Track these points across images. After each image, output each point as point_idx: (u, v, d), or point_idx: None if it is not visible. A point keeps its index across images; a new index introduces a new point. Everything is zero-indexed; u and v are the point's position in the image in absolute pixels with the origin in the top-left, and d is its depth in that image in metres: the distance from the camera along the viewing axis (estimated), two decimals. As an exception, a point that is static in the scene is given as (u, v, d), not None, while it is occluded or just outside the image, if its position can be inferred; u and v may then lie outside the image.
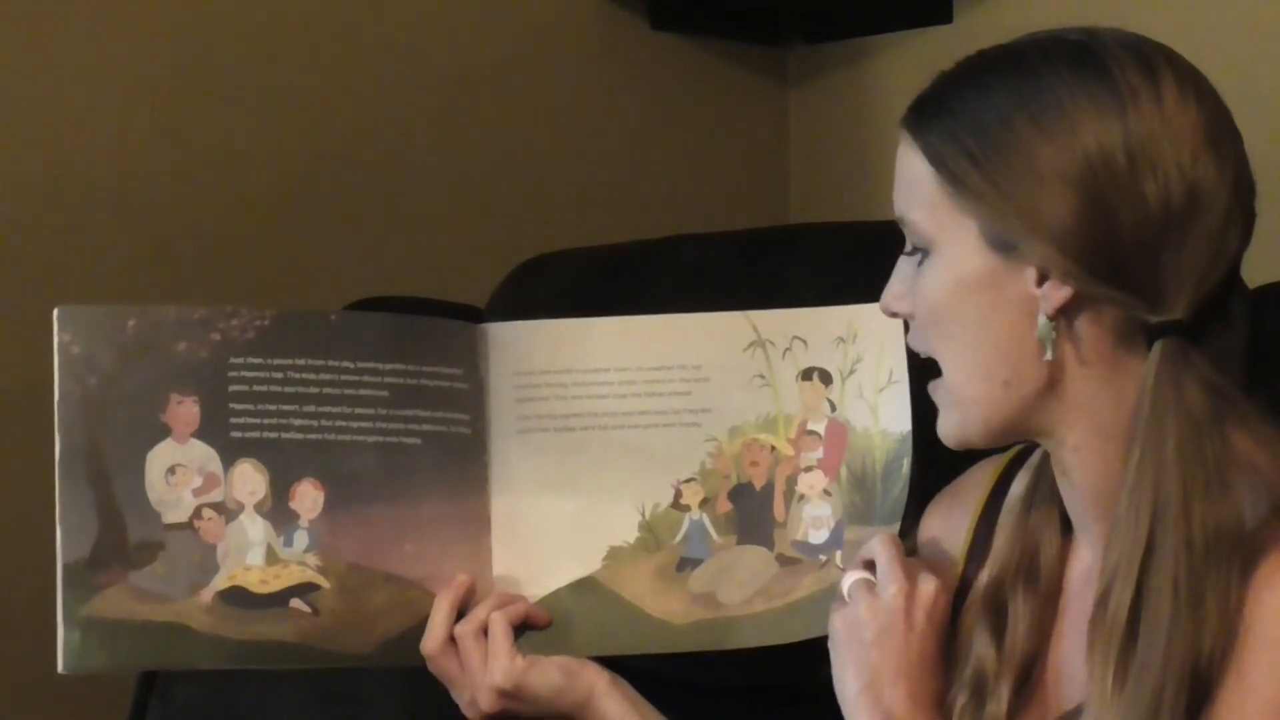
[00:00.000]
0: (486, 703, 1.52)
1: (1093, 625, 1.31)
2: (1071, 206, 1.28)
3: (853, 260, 1.39)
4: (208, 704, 1.83)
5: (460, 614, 1.54)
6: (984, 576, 1.44)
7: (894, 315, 1.40)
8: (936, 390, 1.38)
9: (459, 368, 1.56)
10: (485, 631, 1.52)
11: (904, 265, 1.38)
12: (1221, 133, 1.32)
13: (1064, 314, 1.31)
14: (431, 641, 1.52)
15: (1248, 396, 1.32)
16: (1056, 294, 1.30)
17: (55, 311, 1.44)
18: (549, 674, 1.52)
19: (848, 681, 1.39)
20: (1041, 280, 1.30)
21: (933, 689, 1.39)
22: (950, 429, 1.37)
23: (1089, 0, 2.36)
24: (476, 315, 1.92)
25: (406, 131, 2.41)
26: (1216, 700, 1.25)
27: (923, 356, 1.38)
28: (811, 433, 1.57)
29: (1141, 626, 1.27)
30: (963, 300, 1.33)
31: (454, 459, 1.56)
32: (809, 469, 1.57)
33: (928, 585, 1.41)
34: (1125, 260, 1.29)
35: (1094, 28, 1.35)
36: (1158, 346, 1.29)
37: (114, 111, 2.18)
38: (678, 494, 1.57)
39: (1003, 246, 1.31)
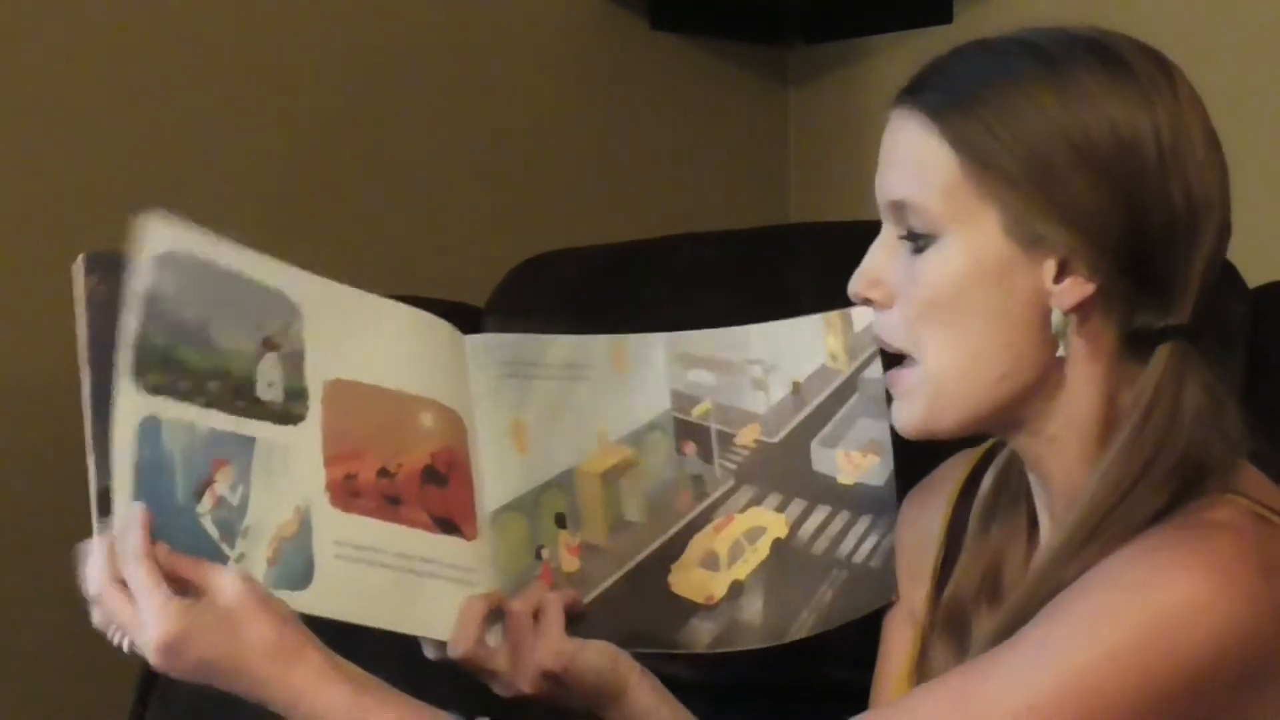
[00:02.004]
0: (529, 685, 1.48)
1: (1018, 592, 1.31)
2: (1103, 195, 1.26)
3: (852, 260, 1.38)
4: (208, 705, 1.83)
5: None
6: (945, 593, 1.43)
7: (866, 302, 1.35)
8: (904, 378, 1.34)
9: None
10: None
11: (884, 250, 1.33)
12: (1218, 142, 1.31)
13: (1078, 310, 1.29)
14: (464, 645, 1.48)
15: (1233, 395, 1.31)
16: (1079, 289, 1.28)
17: (81, 257, 1.44)
18: (596, 659, 1.49)
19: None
20: (1060, 274, 1.28)
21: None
22: (915, 419, 1.33)
23: (1087, 1, 2.36)
24: (476, 314, 1.93)
25: (406, 131, 2.41)
26: (1035, 626, 1.24)
27: (895, 348, 1.34)
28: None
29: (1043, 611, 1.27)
30: (972, 291, 1.29)
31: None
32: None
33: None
34: (1149, 258, 1.27)
35: (1104, 28, 1.33)
36: (1165, 349, 1.28)
37: (112, 111, 2.18)
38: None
39: (1026, 236, 1.28)
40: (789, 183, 2.76)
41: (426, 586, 1.50)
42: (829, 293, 1.63)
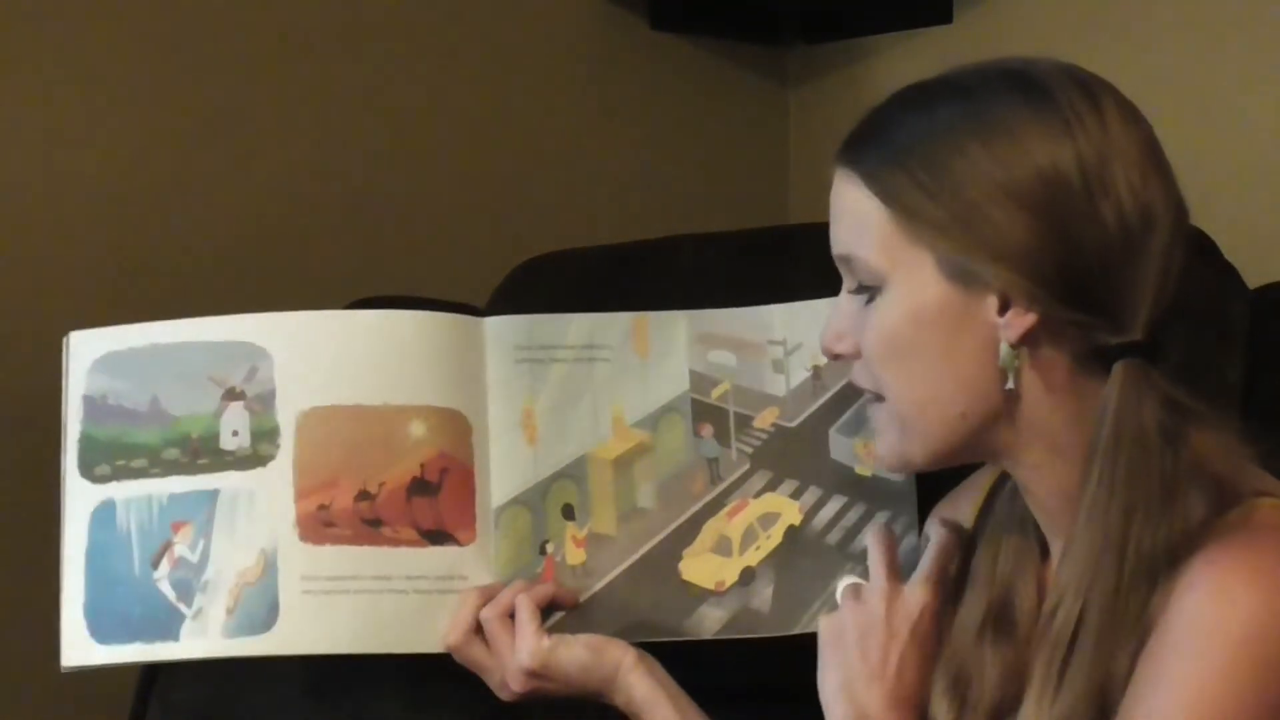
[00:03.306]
0: (517, 684, 1.54)
1: (1039, 636, 1.32)
2: (1031, 229, 1.28)
3: (852, 261, 1.39)
4: (208, 704, 1.83)
5: None
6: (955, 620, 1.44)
7: (836, 357, 1.39)
8: (878, 412, 1.38)
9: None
10: (512, 615, 1.54)
11: (845, 304, 1.38)
12: (1160, 154, 1.33)
13: (1026, 341, 1.31)
14: (455, 633, 1.54)
15: (1209, 403, 1.32)
16: (1020, 321, 1.30)
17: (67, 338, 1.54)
18: (575, 652, 1.54)
19: (826, 683, 1.42)
20: (1003, 308, 1.30)
21: (912, 693, 1.40)
22: (890, 454, 1.38)
23: (1087, 2, 2.36)
24: (476, 315, 1.93)
25: (407, 131, 2.41)
26: (1132, 696, 1.26)
27: (868, 391, 1.38)
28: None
29: (1078, 643, 1.28)
30: (920, 334, 1.32)
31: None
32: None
33: (913, 598, 1.42)
34: (1087, 282, 1.29)
35: (1030, 57, 1.35)
36: (1119, 368, 1.29)
37: (114, 110, 2.19)
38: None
39: (962, 276, 1.31)
40: (789, 183, 2.76)
41: (409, 603, 1.53)
42: (828, 294, 1.63)
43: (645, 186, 2.62)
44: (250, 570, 1.50)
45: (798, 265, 1.81)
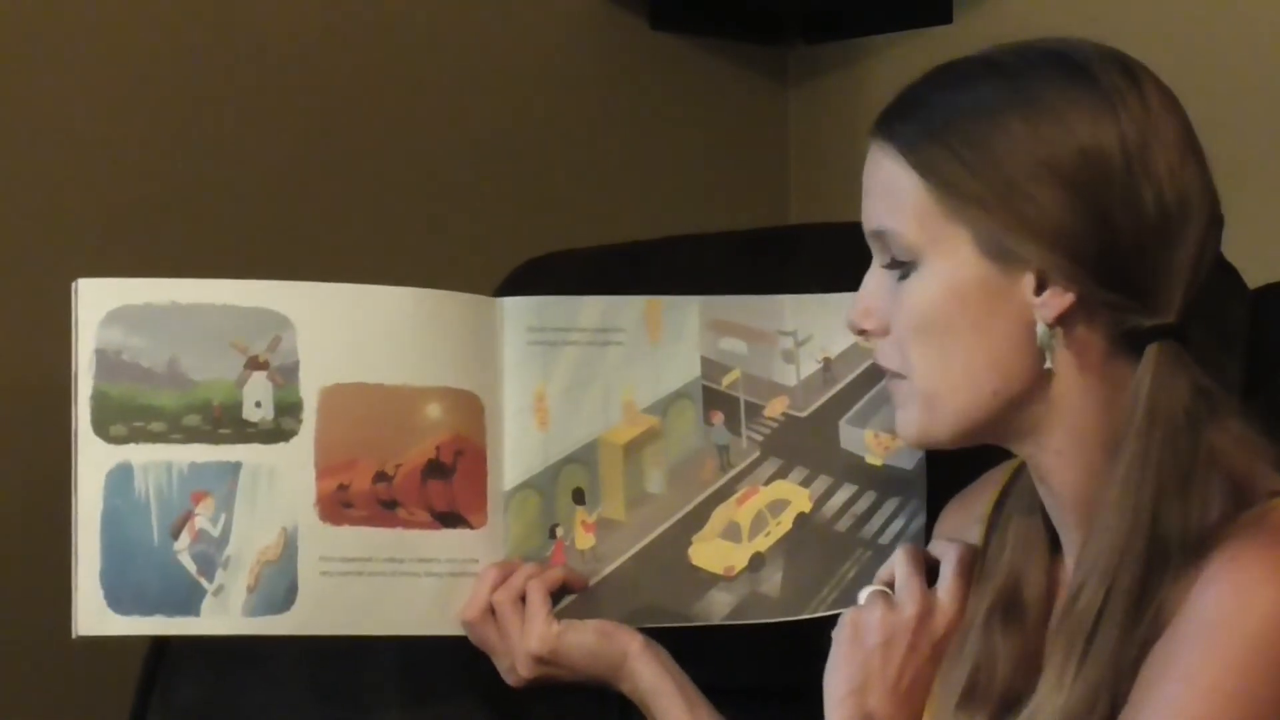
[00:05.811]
0: (525, 669, 1.55)
1: (1060, 617, 1.32)
2: (1072, 208, 1.28)
3: (853, 260, 1.39)
4: (209, 703, 1.83)
5: None
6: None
7: (862, 334, 1.38)
8: (899, 388, 1.36)
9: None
10: (523, 599, 1.55)
11: (874, 280, 1.37)
12: (1196, 141, 1.33)
13: (1061, 321, 1.31)
14: (471, 610, 1.55)
15: (1230, 395, 1.33)
16: (1058, 300, 1.30)
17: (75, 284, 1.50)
18: (584, 637, 1.55)
19: (838, 682, 1.42)
20: (1040, 287, 1.30)
21: (917, 713, 1.40)
22: (913, 428, 1.36)
23: (1087, 2, 2.36)
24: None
25: (407, 131, 2.41)
26: (1150, 687, 1.26)
27: (891, 372, 1.37)
28: None
29: (1102, 624, 1.28)
30: (955, 312, 1.32)
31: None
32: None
33: (942, 619, 1.42)
34: (1125, 263, 1.29)
35: (1067, 38, 1.35)
36: (1153, 349, 1.29)
37: (115, 107, 2.18)
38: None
39: (1000, 254, 1.30)
40: (789, 183, 2.76)
41: (422, 585, 1.53)
42: (829, 293, 1.63)
43: (645, 186, 2.63)
44: (271, 548, 1.49)
45: (798, 265, 1.81)
